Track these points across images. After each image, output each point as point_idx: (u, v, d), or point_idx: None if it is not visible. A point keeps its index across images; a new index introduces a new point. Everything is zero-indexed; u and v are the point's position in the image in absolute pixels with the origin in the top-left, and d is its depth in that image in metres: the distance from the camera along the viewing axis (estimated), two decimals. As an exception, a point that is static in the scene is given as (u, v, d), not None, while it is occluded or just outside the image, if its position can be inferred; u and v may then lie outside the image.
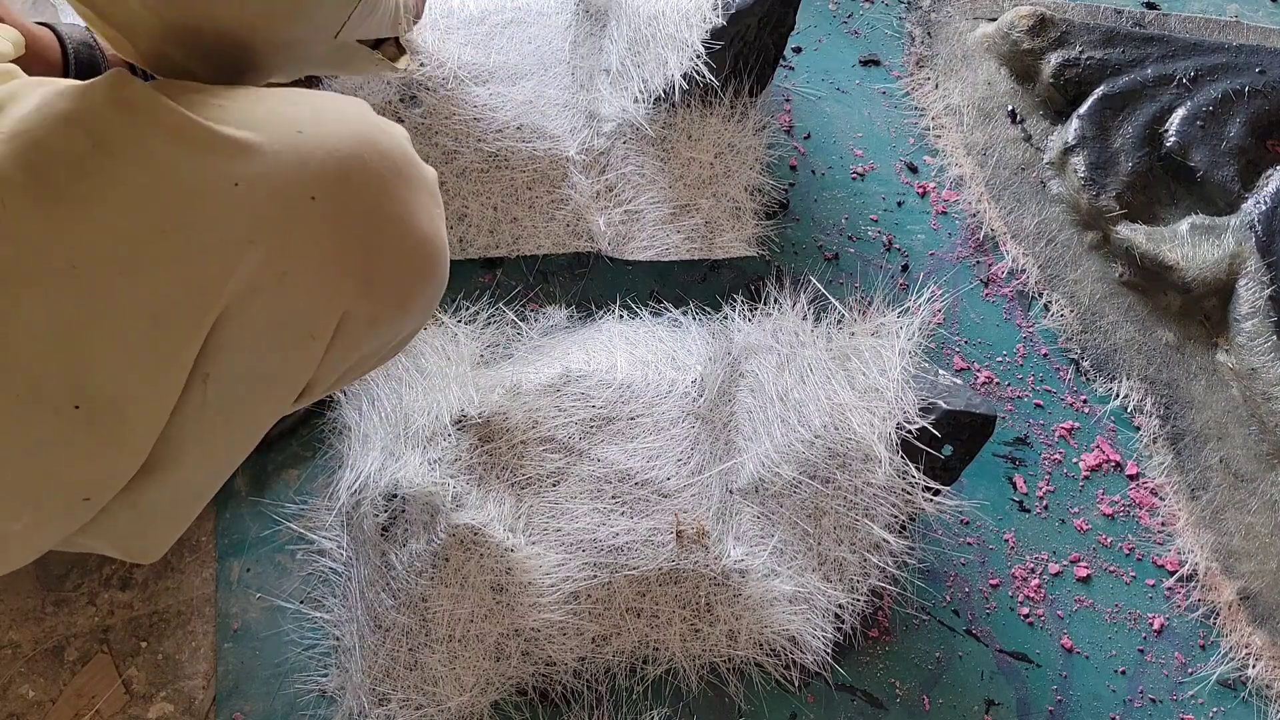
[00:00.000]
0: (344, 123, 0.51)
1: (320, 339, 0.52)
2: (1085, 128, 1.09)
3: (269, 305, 0.49)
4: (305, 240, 0.49)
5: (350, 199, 0.50)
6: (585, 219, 0.95)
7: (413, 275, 0.55)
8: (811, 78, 1.13)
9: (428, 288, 0.57)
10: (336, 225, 0.50)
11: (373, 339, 0.56)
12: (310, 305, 0.51)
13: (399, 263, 0.53)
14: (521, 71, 0.98)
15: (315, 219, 0.49)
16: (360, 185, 0.50)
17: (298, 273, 0.49)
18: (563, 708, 0.77)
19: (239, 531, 0.82)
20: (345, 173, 0.50)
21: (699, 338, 0.87)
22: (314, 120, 0.50)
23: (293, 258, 0.49)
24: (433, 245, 0.55)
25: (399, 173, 0.53)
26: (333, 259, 0.50)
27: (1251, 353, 0.99)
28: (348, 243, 0.50)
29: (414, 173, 0.54)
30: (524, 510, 0.76)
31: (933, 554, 0.87)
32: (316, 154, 0.49)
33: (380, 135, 0.52)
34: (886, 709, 0.81)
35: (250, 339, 0.49)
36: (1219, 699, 0.85)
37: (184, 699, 0.75)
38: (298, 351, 0.52)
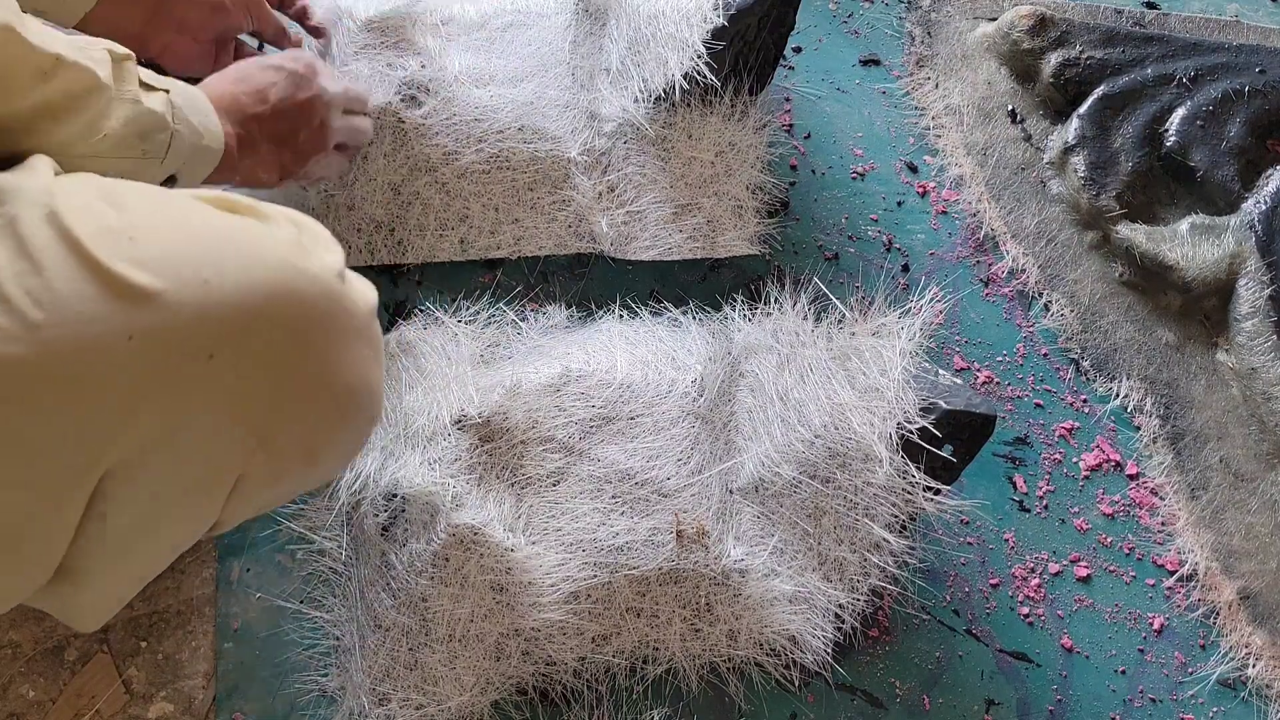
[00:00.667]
0: (259, 268, 0.47)
1: (216, 495, 0.50)
2: (1085, 128, 1.09)
3: (159, 464, 0.46)
4: (200, 401, 0.46)
5: (254, 357, 0.47)
6: (588, 220, 0.95)
7: (325, 430, 0.52)
8: (811, 77, 1.14)
9: (344, 441, 0.54)
10: (236, 385, 0.47)
11: (278, 490, 0.54)
12: (204, 466, 0.48)
13: (309, 419, 0.51)
14: (522, 73, 0.98)
15: (212, 379, 0.46)
16: (267, 342, 0.47)
17: (190, 433, 0.46)
18: (563, 707, 0.77)
19: (239, 531, 0.82)
20: (251, 330, 0.46)
21: (699, 337, 0.87)
22: (224, 267, 0.46)
23: (186, 418, 0.46)
24: (354, 395, 0.52)
25: (319, 322, 0.49)
26: (230, 420, 0.47)
27: (1251, 353, 0.99)
28: (247, 403, 0.47)
29: (338, 320, 0.50)
30: (524, 510, 0.76)
31: (933, 554, 0.87)
32: (220, 308, 0.45)
33: (301, 282, 0.48)
34: (886, 709, 0.81)
35: (142, 492, 0.47)
36: (1219, 699, 0.85)
37: (184, 699, 0.75)
38: (192, 505, 0.50)
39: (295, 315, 0.48)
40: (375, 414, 0.55)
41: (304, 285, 0.49)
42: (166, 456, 0.46)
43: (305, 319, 0.48)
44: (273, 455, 0.50)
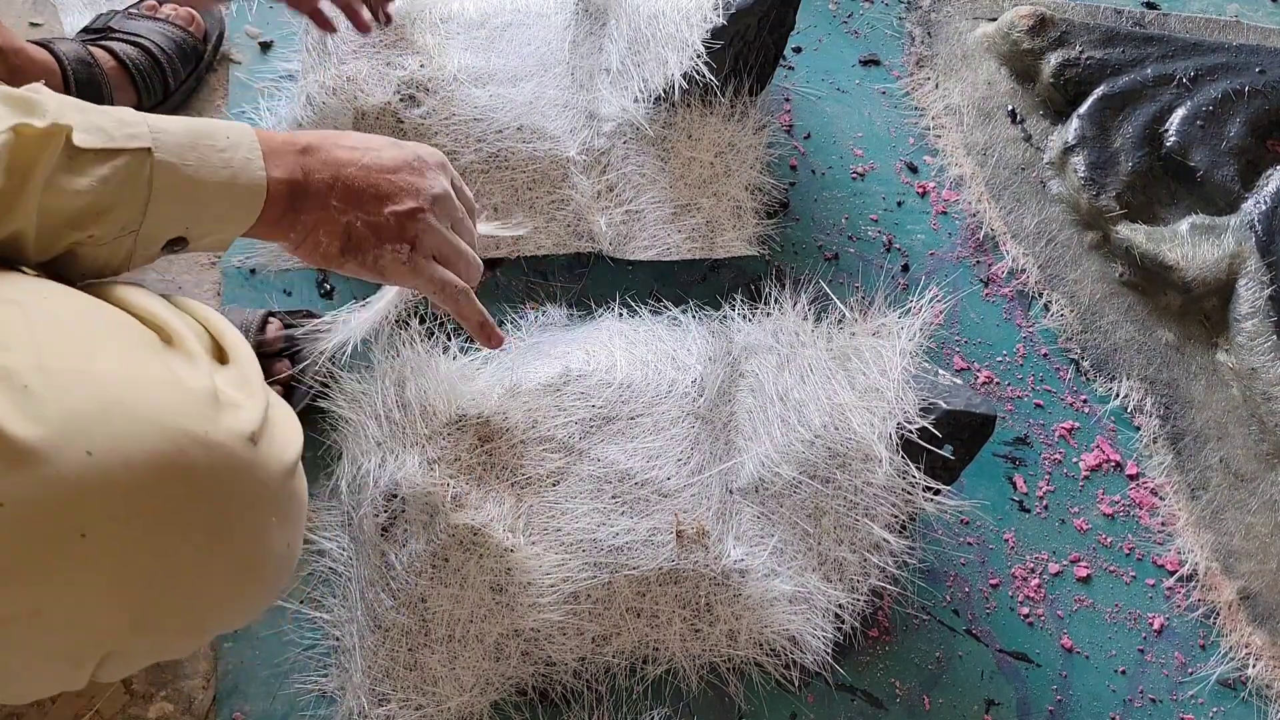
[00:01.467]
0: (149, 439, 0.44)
1: (83, 668, 0.48)
2: (1085, 128, 1.09)
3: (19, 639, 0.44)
4: (66, 581, 0.43)
5: (131, 539, 0.44)
6: (586, 219, 0.95)
7: (212, 607, 0.49)
8: (811, 78, 1.14)
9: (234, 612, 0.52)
10: (106, 566, 0.43)
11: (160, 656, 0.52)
12: (68, 644, 0.46)
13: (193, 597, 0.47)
14: (522, 73, 0.98)
15: (81, 559, 0.42)
16: (150, 520, 0.44)
17: (53, 613, 0.43)
18: (563, 708, 0.77)
19: (239, 531, 0.81)
20: (131, 509, 0.43)
21: (699, 337, 0.87)
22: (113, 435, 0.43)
23: (49, 598, 0.43)
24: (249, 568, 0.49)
25: (210, 499, 0.46)
26: (98, 602, 0.44)
27: (1251, 353, 0.99)
28: (121, 584, 0.44)
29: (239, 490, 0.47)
30: (524, 510, 0.76)
31: (933, 554, 0.87)
32: (99, 486, 0.42)
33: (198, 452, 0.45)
34: (886, 709, 0.81)
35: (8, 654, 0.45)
36: (1219, 699, 0.85)
37: (184, 699, 0.75)
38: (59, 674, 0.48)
39: (185, 494, 0.45)
40: (277, 581, 0.53)
41: (200, 457, 0.45)
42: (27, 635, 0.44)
43: (197, 495, 0.46)
44: (150, 633, 0.47)
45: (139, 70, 0.93)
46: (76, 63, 0.88)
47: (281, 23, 1.07)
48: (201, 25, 1.01)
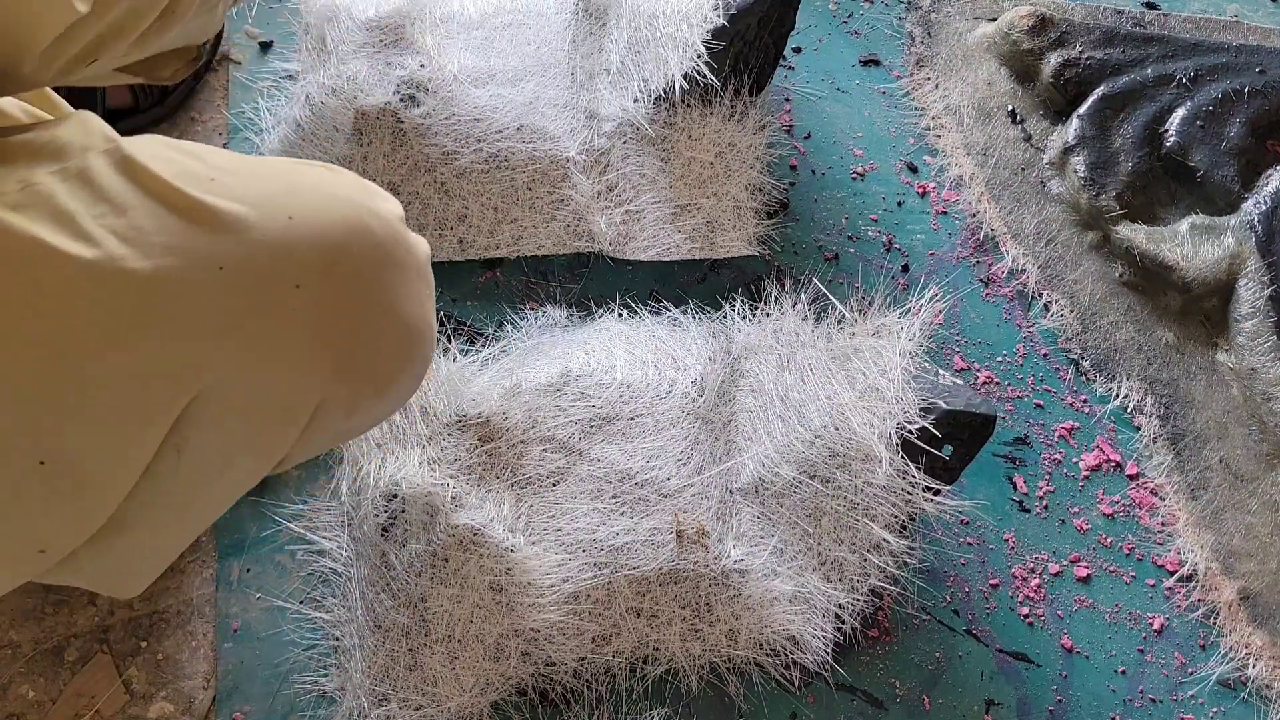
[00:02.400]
0: (336, 208, 0.50)
1: (295, 424, 0.51)
2: (1085, 128, 1.09)
3: (244, 390, 0.48)
4: (285, 329, 0.48)
5: (334, 289, 0.49)
6: (586, 219, 0.95)
7: (394, 363, 0.54)
8: (811, 78, 1.14)
9: (408, 374, 0.56)
10: (319, 315, 0.49)
11: (348, 423, 0.55)
12: (287, 393, 0.50)
13: (381, 352, 0.53)
14: (521, 73, 0.98)
15: (297, 308, 0.48)
16: (346, 275, 0.50)
17: (276, 360, 0.48)
18: (563, 708, 0.77)
19: (239, 531, 0.82)
20: (331, 263, 0.49)
21: (699, 337, 0.87)
22: (305, 205, 0.49)
23: (272, 345, 0.48)
24: (417, 331, 0.54)
25: (388, 259, 0.52)
26: (313, 348, 0.49)
27: (1251, 353, 0.99)
28: (329, 333, 0.50)
29: (404, 257, 0.53)
30: (524, 510, 0.76)
31: (933, 554, 0.87)
32: (304, 242, 0.48)
33: (373, 221, 0.51)
34: (886, 709, 0.81)
35: (224, 420, 0.49)
36: (1219, 699, 0.85)
37: (184, 699, 0.75)
38: (272, 434, 0.51)
39: (369, 251, 0.50)
40: (429, 357, 0.58)
41: (375, 225, 0.51)
42: (253, 382, 0.48)
43: (378, 254, 0.51)
44: (350, 384, 0.52)
45: None
46: None
47: (281, 23, 1.07)
48: None
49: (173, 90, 0.96)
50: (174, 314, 0.45)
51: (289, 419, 0.51)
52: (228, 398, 0.48)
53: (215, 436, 0.49)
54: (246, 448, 0.52)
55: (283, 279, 0.47)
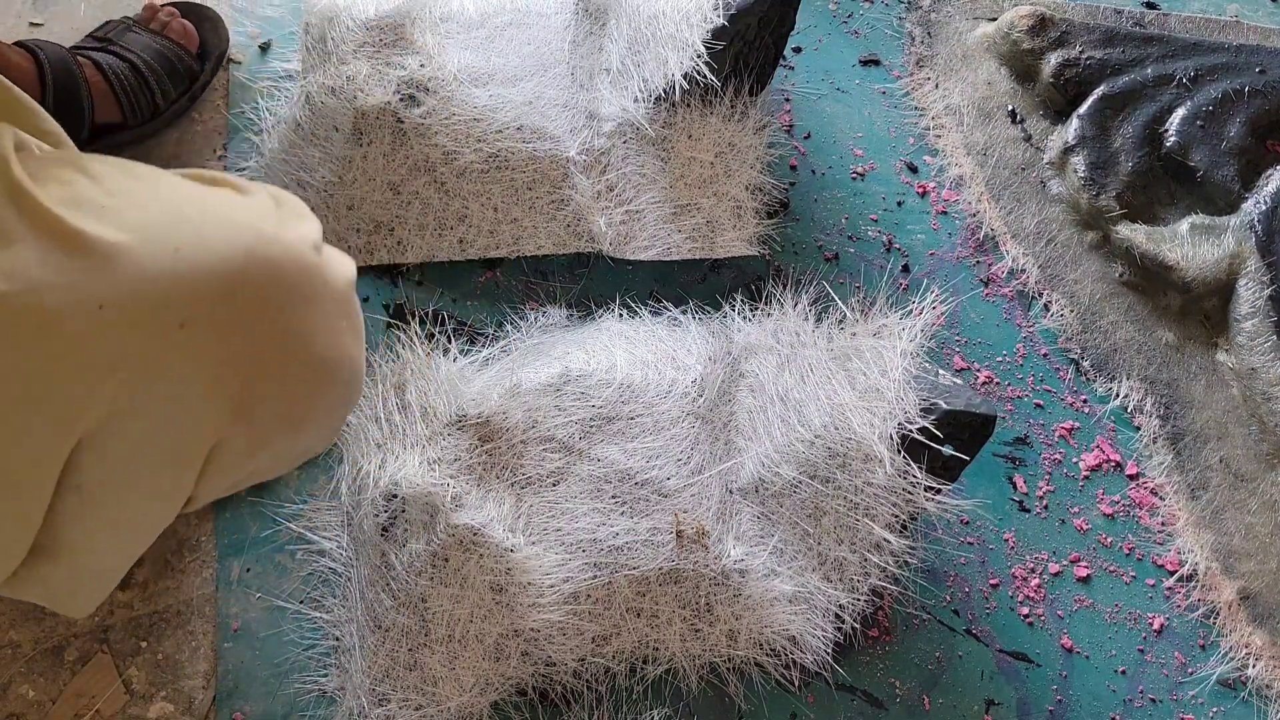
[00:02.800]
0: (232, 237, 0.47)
1: (190, 467, 0.50)
2: (1085, 128, 1.09)
3: (130, 433, 0.46)
4: (170, 370, 0.46)
5: (226, 327, 0.47)
6: (586, 219, 0.95)
7: (303, 400, 0.52)
8: (811, 78, 1.13)
9: (323, 411, 0.54)
10: (206, 355, 0.46)
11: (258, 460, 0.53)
12: (176, 435, 0.48)
13: (285, 388, 0.50)
14: (521, 73, 0.98)
15: (183, 348, 0.46)
16: (239, 311, 0.47)
17: (161, 403, 0.46)
18: (563, 708, 0.77)
19: (239, 531, 0.82)
20: (222, 298, 0.46)
21: (699, 337, 0.87)
22: (197, 234, 0.46)
23: (156, 388, 0.46)
24: (330, 365, 0.52)
25: (292, 291, 0.49)
26: (202, 389, 0.47)
27: (1251, 353, 0.99)
28: (220, 372, 0.47)
29: (313, 290, 0.50)
30: (524, 510, 0.76)
31: (933, 554, 0.87)
32: (191, 277, 0.45)
33: (274, 249, 0.48)
34: (886, 709, 0.81)
35: (114, 463, 0.47)
36: (1219, 699, 0.85)
37: (184, 699, 0.75)
38: (166, 477, 0.50)
39: (268, 284, 0.48)
40: (354, 387, 0.55)
41: (277, 254, 0.48)
42: (139, 424, 0.46)
43: (278, 287, 0.48)
44: (250, 425, 0.50)
45: (124, 87, 0.90)
46: (59, 68, 0.86)
47: (281, 23, 1.07)
48: (196, 40, 0.98)
49: (165, 109, 0.95)
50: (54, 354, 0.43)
51: (180, 462, 0.49)
52: (111, 442, 0.46)
53: (108, 479, 0.47)
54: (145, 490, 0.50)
55: (166, 318, 0.45)
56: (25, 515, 0.47)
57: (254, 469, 0.55)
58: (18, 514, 0.47)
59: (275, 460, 0.56)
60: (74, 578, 0.53)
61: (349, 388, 0.55)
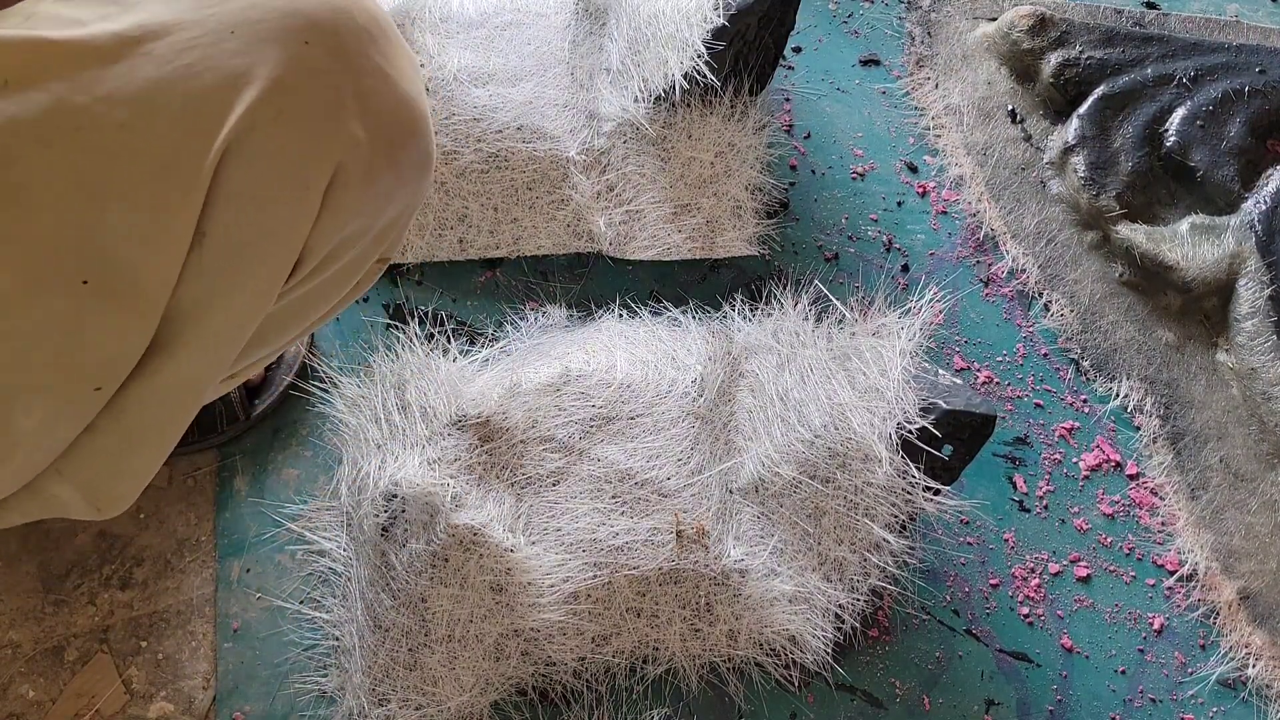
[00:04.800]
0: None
1: (315, 188, 0.52)
2: (1085, 128, 1.09)
3: (265, 146, 0.49)
4: (300, 81, 0.50)
5: (342, 48, 0.51)
6: (586, 219, 0.95)
7: (402, 130, 0.56)
8: (811, 77, 1.13)
9: (416, 147, 0.57)
10: (330, 69, 0.51)
11: (365, 203, 0.56)
12: (306, 147, 0.51)
13: (389, 114, 0.54)
14: (521, 73, 0.98)
15: (310, 61, 0.50)
16: (350, 36, 0.52)
17: (293, 112, 0.50)
18: (563, 708, 0.77)
19: (239, 531, 0.82)
20: (336, 24, 0.51)
21: (699, 337, 0.87)
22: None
23: (288, 97, 0.49)
24: (419, 105, 0.56)
25: (384, 33, 0.54)
26: (327, 101, 0.51)
27: (1251, 353, 0.99)
28: (341, 87, 0.51)
29: (397, 36, 0.56)
30: (524, 510, 0.76)
31: (933, 554, 0.87)
32: (308, 4, 0.50)
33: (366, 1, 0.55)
34: (886, 709, 0.81)
35: (243, 186, 0.50)
36: (1219, 699, 0.85)
37: (184, 699, 0.75)
38: (289, 202, 0.52)
39: (369, 22, 0.53)
40: (431, 141, 0.59)
41: (369, 3, 0.54)
42: (271, 140, 0.49)
43: (377, 28, 0.54)
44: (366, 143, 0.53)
45: None
46: None
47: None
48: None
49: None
50: (190, 79, 0.47)
51: (307, 181, 0.52)
52: (247, 158, 0.49)
53: (236, 212, 0.50)
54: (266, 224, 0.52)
55: (293, 35, 0.49)
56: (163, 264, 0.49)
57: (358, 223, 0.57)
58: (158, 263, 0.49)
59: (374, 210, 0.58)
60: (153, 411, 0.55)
61: (430, 136, 0.58)
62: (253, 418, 0.85)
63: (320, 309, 0.63)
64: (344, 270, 0.60)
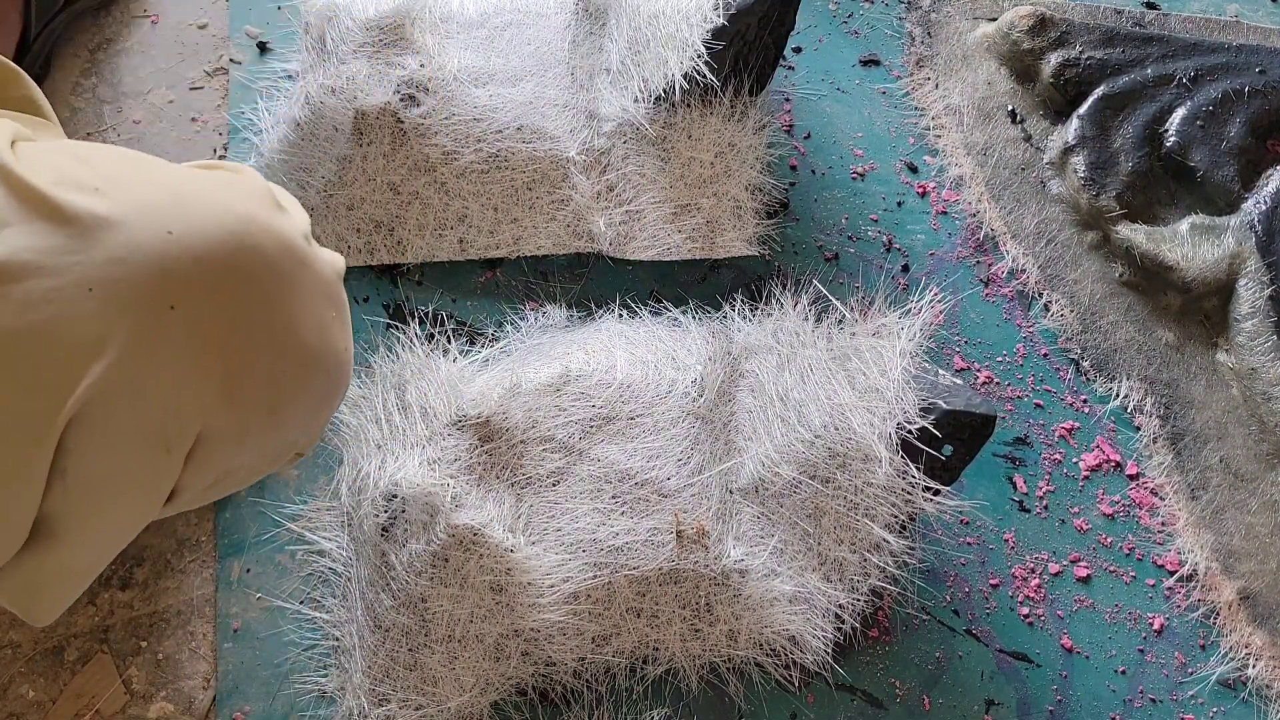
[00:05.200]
0: (224, 222, 0.47)
1: (177, 450, 0.50)
2: (1085, 128, 1.09)
3: (118, 414, 0.46)
4: (160, 352, 0.46)
5: (216, 310, 0.47)
6: (586, 219, 0.95)
7: (287, 386, 0.52)
8: (811, 77, 1.13)
9: (307, 398, 0.54)
10: (196, 337, 0.47)
11: (244, 452, 0.53)
12: (163, 417, 0.48)
13: (270, 374, 0.51)
14: (521, 73, 0.98)
15: (173, 330, 0.46)
16: (229, 295, 0.47)
17: (151, 383, 0.46)
18: (563, 708, 0.77)
19: (239, 531, 0.82)
20: (213, 282, 0.47)
21: (699, 337, 0.87)
22: (189, 218, 0.46)
23: (145, 368, 0.46)
24: (317, 355, 0.52)
25: (283, 278, 0.49)
26: (189, 371, 0.47)
27: (1251, 353, 0.99)
28: (208, 355, 0.47)
29: (303, 278, 0.51)
30: (524, 510, 0.76)
31: (933, 554, 0.87)
32: (182, 258, 0.45)
33: (264, 237, 0.49)
34: (886, 709, 0.81)
35: (100, 445, 0.47)
36: (1219, 699, 0.85)
37: (184, 699, 0.75)
38: (153, 462, 0.49)
39: (259, 269, 0.48)
40: (338, 380, 0.55)
41: (269, 241, 0.49)
42: (128, 405, 0.46)
43: (269, 273, 0.49)
44: (235, 409, 0.50)
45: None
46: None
47: (281, 23, 1.07)
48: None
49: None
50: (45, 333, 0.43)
51: (168, 445, 0.49)
52: (98, 423, 0.46)
53: (94, 463, 0.47)
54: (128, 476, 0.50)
55: (159, 300, 0.45)
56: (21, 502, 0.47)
57: (239, 464, 0.55)
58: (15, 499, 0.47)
59: (260, 456, 0.56)
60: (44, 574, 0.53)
61: (334, 380, 0.55)
62: None
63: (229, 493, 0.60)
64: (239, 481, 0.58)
